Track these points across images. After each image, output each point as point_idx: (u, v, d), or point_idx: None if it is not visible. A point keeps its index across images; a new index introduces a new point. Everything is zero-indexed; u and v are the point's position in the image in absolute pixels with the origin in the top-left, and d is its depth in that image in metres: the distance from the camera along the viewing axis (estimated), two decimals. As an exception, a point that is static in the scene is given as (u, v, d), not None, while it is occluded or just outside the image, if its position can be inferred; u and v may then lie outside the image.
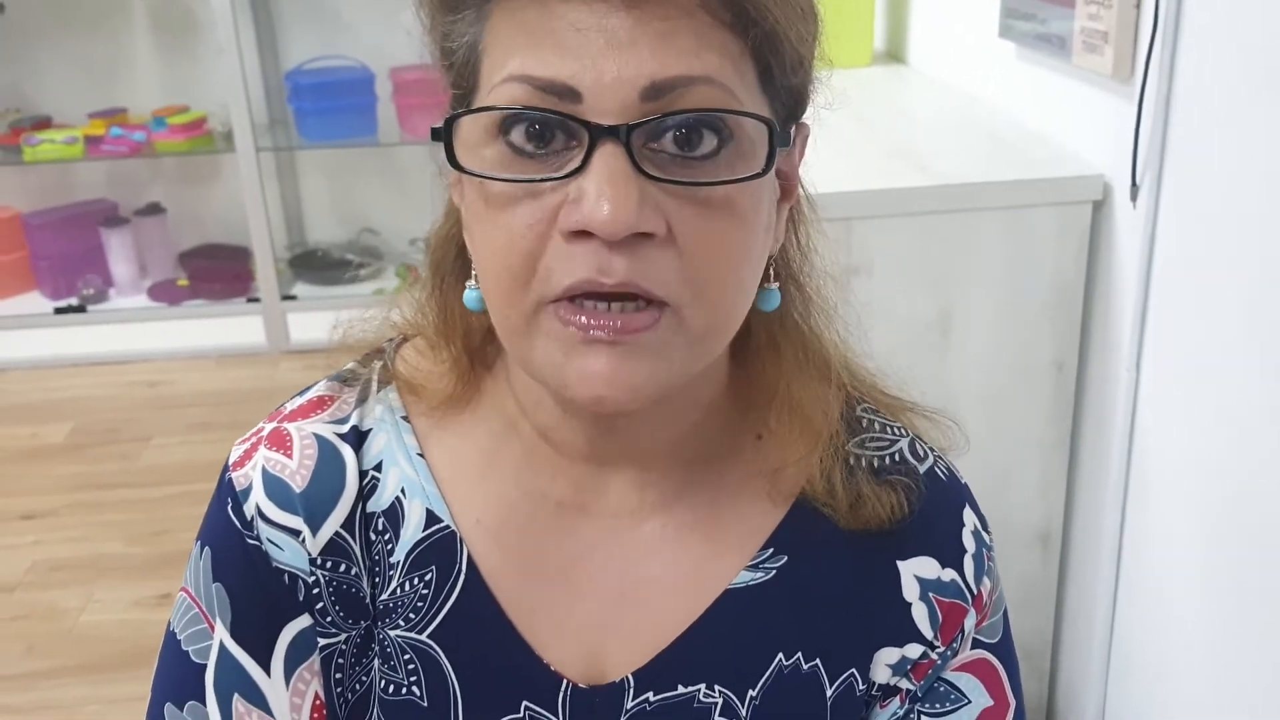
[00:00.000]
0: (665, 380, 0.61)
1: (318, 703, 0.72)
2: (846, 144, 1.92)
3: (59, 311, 3.64)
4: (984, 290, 1.67)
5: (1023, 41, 1.85)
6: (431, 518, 0.72)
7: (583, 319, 0.58)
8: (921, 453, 0.77)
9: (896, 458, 0.75)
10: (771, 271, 0.68)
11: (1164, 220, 1.50)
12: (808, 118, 0.68)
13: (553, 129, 0.58)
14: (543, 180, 0.58)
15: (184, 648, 0.72)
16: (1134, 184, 1.52)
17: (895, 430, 0.77)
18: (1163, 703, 1.58)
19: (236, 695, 0.71)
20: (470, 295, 0.67)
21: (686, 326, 0.60)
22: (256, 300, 3.62)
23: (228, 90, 3.35)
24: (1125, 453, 1.61)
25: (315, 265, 3.84)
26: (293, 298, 3.64)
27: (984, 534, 0.76)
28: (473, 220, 0.63)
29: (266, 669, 0.71)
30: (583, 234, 0.57)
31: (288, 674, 0.71)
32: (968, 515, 0.76)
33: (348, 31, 3.71)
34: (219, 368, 3.49)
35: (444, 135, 0.60)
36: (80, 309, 3.65)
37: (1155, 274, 1.52)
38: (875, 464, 0.74)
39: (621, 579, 0.72)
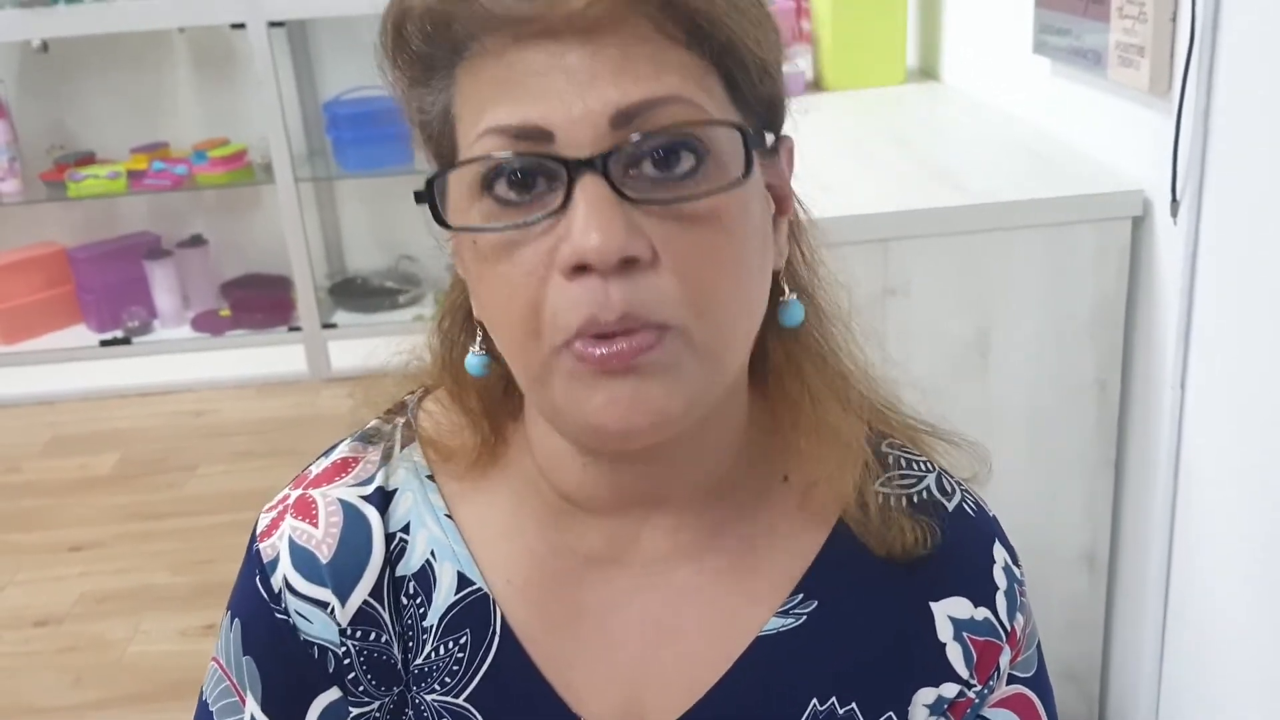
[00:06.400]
0: (685, 399, 0.60)
1: None
2: (881, 163, 1.92)
3: (104, 344, 3.69)
4: (1024, 309, 1.65)
5: (1057, 57, 1.83)
6: (463, 580, 0.71)
7: (598, 352, 0.58)
8: (949, 488, 0.76)
9: (924, 495, 0.74)
10: (785, 286, 0.68)
11: (1206, 235, 1.48)
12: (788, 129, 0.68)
13: (533, 173, 0.58)
14: (530, 223, 0.58)
15: None
16: (1174, 199, 1.51)
17: (921, 465, 0.76)
18: (1216, 726, 1.56)
19: None
20: (472, 361, 0.67)
21: (694, 343, 0.60)
22: (298, 329, 3.65)
23: (267, 122, 3.39)
24: (1172, 471, 1.59)
25: (355, 293, 3.87)
26: (333, 326, 3.67)
27: (1014, 569, 0.76)
28: (474, 281, 0.64)
29: None
30: (579, 270, 0.57)
31: None
32: (998, 551, 0.75)
33: (384, 61, 3.73)
34: (262, 396, 3.52)
35: (428, 197, 0.61)
36: (125, 341, 3.70)
37: (1198, 289, 1.50)
38: (905, 502, 0.74)
39: (657, 628, 0.72)
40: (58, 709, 2.25)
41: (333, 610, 0.70)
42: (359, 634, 0.70)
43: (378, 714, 0.72)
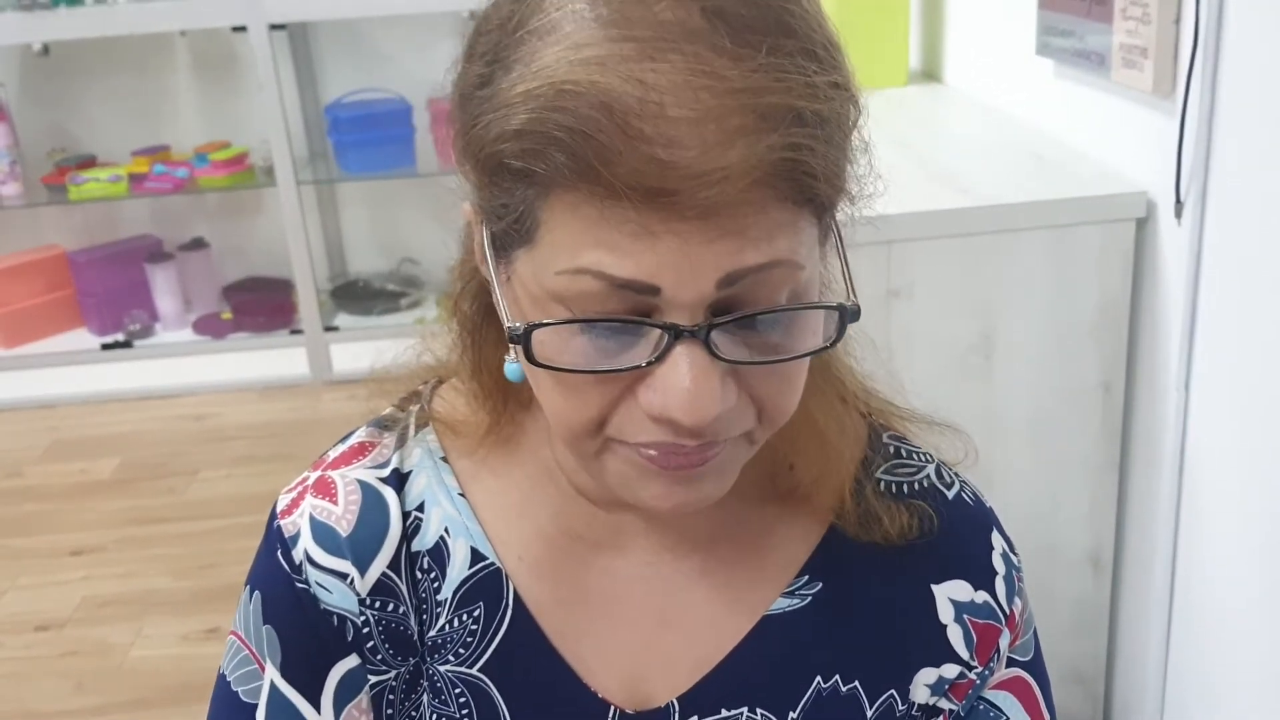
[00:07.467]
0: (732, 480, 0.64)
1: None
2: (884, 165, 1.91)
3: (106, 348, 3.69)
4: (1028, 311, 1.65)
5: (1061, 58, 1.83)
6: (476, 555, 0.74)
7: (658, 458, 0.60)
8: (948, 479, 0.78)
9: (925, 483, 0.77)
10: None
11: (1210, 236, 1.47)
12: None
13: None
14: (620, 370, 0.58)
15: (234, 688, 0.74)
16: (1178, 200, 1.50)
17: (921, 456, 0.79)
18: (1222, 728, 1.55)
19: None
20: (512, 369, 0.67)
21: (753, 440, 0.63)
22: (299, 332, 3.65)
23: (268, 125, 3.39)
24: (1176, 473, 1.59)
25: (357, 296, 3.87)
26: (335, 329, 3.67)
27: (1012, 556, 0.78)
28: (538, 372, 0.62)
29: (317, 707, 0.73)
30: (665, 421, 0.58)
31: (337, 712, 0.73)
32: (996, 539, 0.78)
33: (385, 64, 3.75)
34: (263, 399, 3.51)
35: (523, 340, 0.58)
36: (126, 344, 3.70)
37: (1202, 290, 1.50)
38: (905, 489, 0.76)
39: (663, 608, 0.74)
40: (60, 714, 2.24)
41: (352, 581, 0.72)
42: (377, 604, 0.73)
43: (394, 683, 0.74)
